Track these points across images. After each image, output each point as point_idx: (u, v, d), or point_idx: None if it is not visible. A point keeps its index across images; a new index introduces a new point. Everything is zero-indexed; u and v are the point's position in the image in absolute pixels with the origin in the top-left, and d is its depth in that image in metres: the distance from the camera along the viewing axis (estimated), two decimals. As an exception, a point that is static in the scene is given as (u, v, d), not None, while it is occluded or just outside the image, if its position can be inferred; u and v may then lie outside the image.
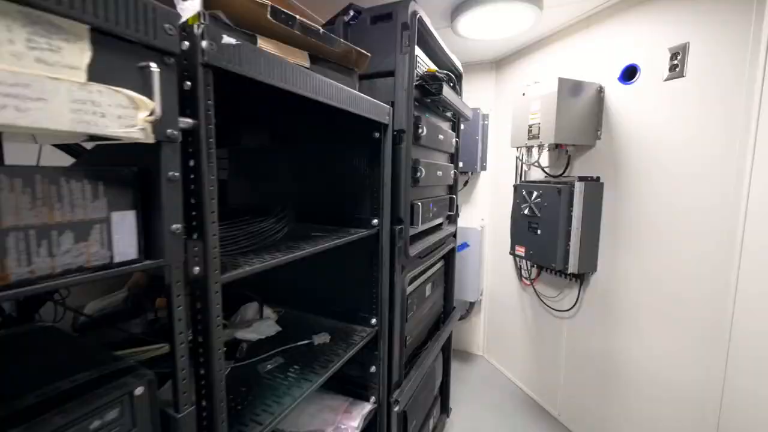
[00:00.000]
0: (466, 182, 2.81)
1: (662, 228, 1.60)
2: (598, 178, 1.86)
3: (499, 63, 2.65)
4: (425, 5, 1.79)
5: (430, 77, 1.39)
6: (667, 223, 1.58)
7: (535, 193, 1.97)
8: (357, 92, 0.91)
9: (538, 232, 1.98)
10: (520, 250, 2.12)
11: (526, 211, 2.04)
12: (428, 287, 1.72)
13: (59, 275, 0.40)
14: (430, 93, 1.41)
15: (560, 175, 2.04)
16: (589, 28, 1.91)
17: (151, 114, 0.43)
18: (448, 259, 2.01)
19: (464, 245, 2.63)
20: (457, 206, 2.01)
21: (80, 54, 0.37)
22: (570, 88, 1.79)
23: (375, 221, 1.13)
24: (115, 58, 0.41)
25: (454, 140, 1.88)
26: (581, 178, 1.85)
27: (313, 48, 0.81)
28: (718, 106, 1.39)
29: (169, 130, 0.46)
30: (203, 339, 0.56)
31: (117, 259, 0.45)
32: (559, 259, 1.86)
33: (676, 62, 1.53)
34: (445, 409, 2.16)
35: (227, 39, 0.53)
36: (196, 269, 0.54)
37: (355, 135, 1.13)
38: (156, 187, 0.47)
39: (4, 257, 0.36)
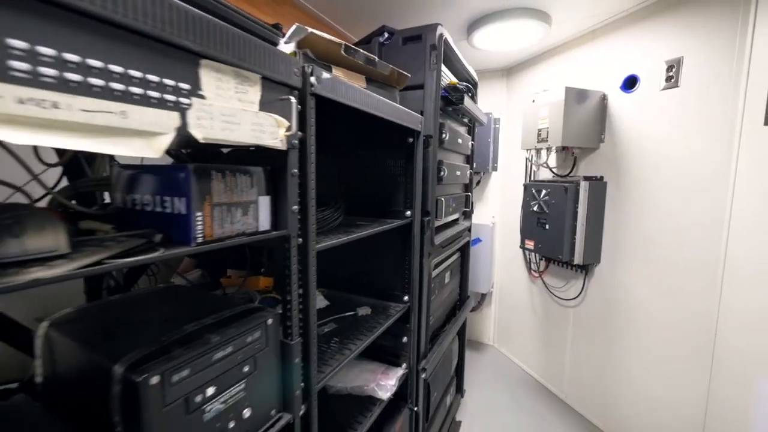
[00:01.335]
0: (479, 182, 3.00)
1: (655, 225, 1.78)
2: (601, 178, 2.04)
3: (509, 71, 2.84)
4: (445, 22, 2.00)
5: (452, 89, 1.60)
6: (659, 221, 1.77)
7: (543, 192, 2.16)
8: (400, 106, 1.12)
9: (547, 227, 2.16)
10: (530, 244, 2.31)
11: (535, 208, 2.23)
12: (447, 275, 1.92)
13: (234, 236, 0.61)
14: (452, 103, 1.61)
15: (567, 174, 2.23)
16: (593, 41, 2.09)
17: (288, 130, 0.64)
18: (464, 251, 2.21)
19: (477, 240, 2.82)
20: (472, 203, 2.20)
21: (255, 93, 0.58)
22: (576, 96, 1.98)
23: (408, 213, 1.33)
24: (270, 94, 0.61)
25: (470, 143, 2.08)
26: (586, 178, 2.03)
27: (368, 72, 1.01)
28: (707, 114, 1.57)
29: (293, 141, 0.67)
30: (303, 291, 0.76)
31: (260, 229, 0.66)
32: (565, 251, 2.05)
33: (671, 74, 1.71)
34: (459, 390, 2.36)
35: (325, 74, 0.74)
36: (300, 240, 0.75)
37: (392, 140, 1.34)
38: (283, 180, 0.68)
39: (212, 222, 0.57)
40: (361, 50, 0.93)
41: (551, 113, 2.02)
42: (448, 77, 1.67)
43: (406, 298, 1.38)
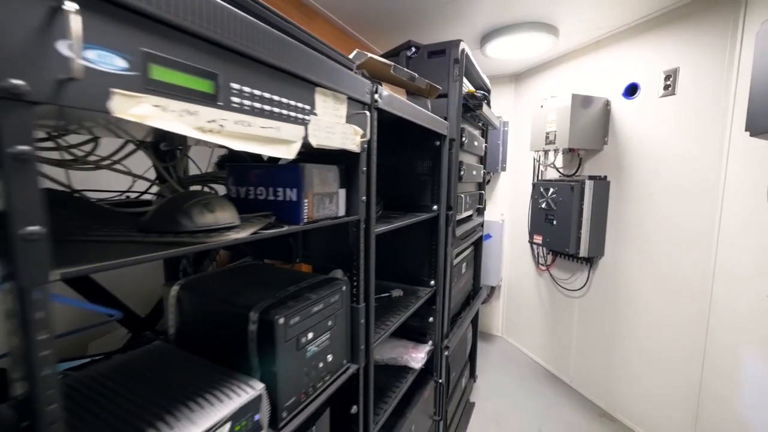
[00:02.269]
0: (488, 181, 3.18)
1: (654, 220, 1.96)
2: (605, 177, 2.22)
3: (518, 77, 3.02)
4: (460, 34, 2.18)
5: (470, 96, 1.78)
6: (658, 217, 1.95)
7: (551, 190, 2.34)
8: (433, 115, 1.30)
9: (554, 222, 2.34)
10: (538, 239, 2.48)
11: (543, 205, 2.41)
12: (463, 266, 2.10)
13: (323, 219, 0.79)
14: (470, 109, 1.79)
15: (573, 174, 2.41)
16: (597, 51, 2.27)
17: (363, 137, 0.82)
18: (477, 245, 2.39)
19: (487, 236, 2.99)
20: (484, 200, 2.38)
21: (343, 109, 0.77)
22: (581, 102, 2.15)
23: (435, 207, 1.51)
24: (351, 109, 0.80)
25: (483, 145, 2.26)
26: (591, 177, 2.21)
27: (408, 86, 1.20)
28: (701, 120, 1.75)
29: (365, 145, 0.86)
30: (365, 265, 0.94)
31: (339, 214, 0.84)
32: (572, 244, 2.22)
33: (669, 83, 1.89)
34: (473, 375, 2.53)
35: (385, 92, 0.92)
36: (363, 225, 0.93)
37: (419, 143, 1.52)
38: (355, 176, 0.86)
39: (313, 207, 0.75)
40: (405, 69, 1.11)
41: (558, 118, 2.20)
42: (466, 85, 1.84)
43: (432, 282, 1.56)
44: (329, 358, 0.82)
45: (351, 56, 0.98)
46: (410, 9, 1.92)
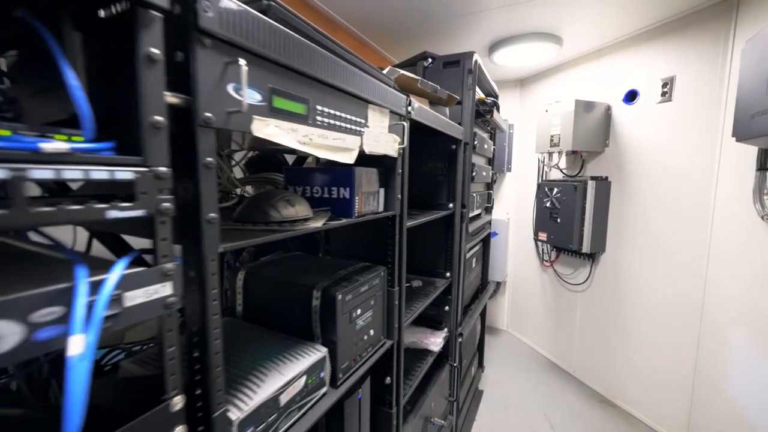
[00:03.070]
0: (494, 181, 3.32)
1: (652, 218, 2.10)
2: (606, 178, 2.36)
3: (523, 82, 3.16)
4: (469, 44, 2.32)
5: (481, 103, 1.92)
6: (655, 215, 2.09)
7: (555, 189, 2.48)
8: (452, 122, 1.44)
9: (558, 220, 2.48)
10: (543, 236, 2.62)
11: (547, 204, 2.55)
12: (474, 261, 2.24)
13: (368, 213, 0.93)
14: (481, 115, 1.93)
15: (576, 175, 2.55)
16: (599, 59, 2.41)
17: (400, 144, 0.97)
18: (486, 242, 2.53)
19: (494, 234, 3.13)
20: (492, 200, 2.52)
21: (386, 121, 0.91)
22: (584, 107, 2.29)
23: (451, 205, 1.66)
24: (392, 120, 0.94)
25: (492, 147, 2.40)
26: (593, 178, 2.35)
27: (431, 97, 1.34)
28: (696, 125, 1.89)
29: (400, 151, 1.00)
30: (398, 256, 1.09)
31: (379, 210, 0.99)
32: (575, 241, 2.37)
33: (666, 89, 2.03)
34: (481, 364, 2.67)
35: (416, 104, 1.06)
36: (398, 220, 1.07)
37: (435, 147, 1.66)
38: (392, 177, 1.01)
39: (362, 204, 0.89)
40: (429, 82, 1.26)
41: (563, 122, 2.34)
42: (477, 93, 1.98)
43: (448, 274, 1.70)
44: (371, 332, 0.97)
45: (384, 71, 1.13)
46: (423, 21, 2.06)
